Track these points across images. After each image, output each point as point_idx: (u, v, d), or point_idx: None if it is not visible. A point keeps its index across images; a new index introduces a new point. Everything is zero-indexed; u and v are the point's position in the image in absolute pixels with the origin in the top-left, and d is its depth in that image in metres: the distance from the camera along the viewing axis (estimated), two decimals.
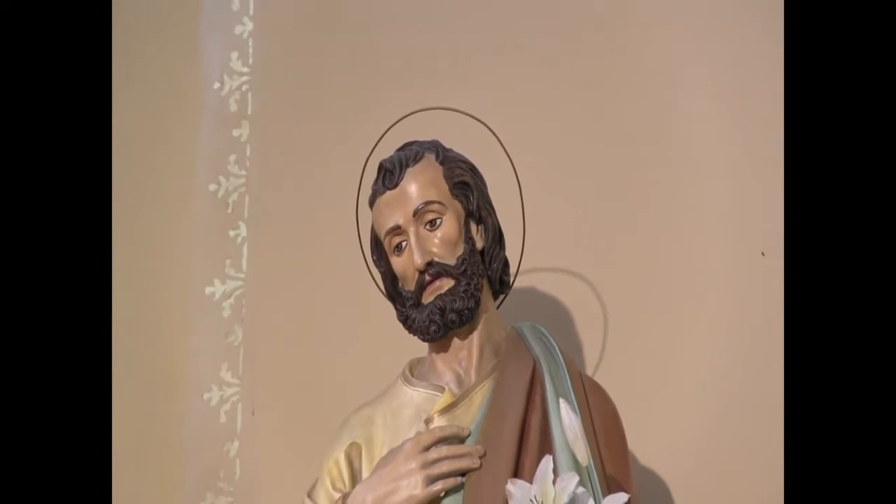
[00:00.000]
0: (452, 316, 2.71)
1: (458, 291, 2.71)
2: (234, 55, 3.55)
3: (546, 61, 3.36)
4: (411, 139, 2.82)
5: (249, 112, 3.52)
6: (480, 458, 2.60)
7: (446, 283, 2.72)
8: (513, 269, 2.88)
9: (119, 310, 3.33)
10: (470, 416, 2.68)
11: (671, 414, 3.12)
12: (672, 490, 3.10)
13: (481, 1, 3.44)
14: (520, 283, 2.94)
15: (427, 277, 2.72)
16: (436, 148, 2.81)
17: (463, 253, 2.74)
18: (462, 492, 2.60)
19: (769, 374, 3.08)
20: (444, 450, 2.61)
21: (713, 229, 3.22)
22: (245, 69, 3.55)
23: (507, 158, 2.87)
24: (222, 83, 3.55)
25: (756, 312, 3.17)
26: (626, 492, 2.52)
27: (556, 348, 2.76)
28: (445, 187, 2.76)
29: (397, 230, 2.75)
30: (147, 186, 3.49)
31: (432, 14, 3.45)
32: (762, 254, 3.14)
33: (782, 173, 3.06)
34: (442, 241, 2.73)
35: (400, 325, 2.78)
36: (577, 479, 2.46)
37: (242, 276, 3.46)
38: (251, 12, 3.57)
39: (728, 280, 3.20)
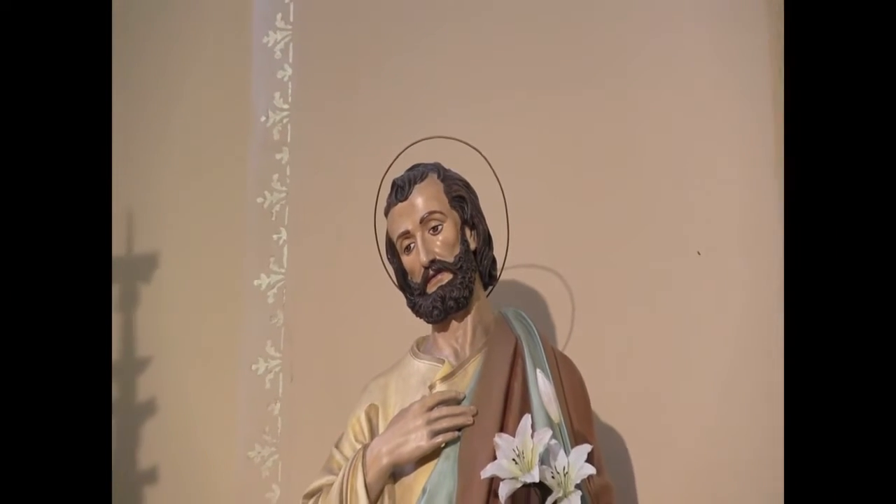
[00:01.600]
0: (451, 303, 2.74)
1: (456, 283, 2.74)
2: (277, 95, 3.53)
3: (530, 102, 3.34)
4: (418, 161, 2.84)
5: (289, 140, 3.49)
6: (473, 416, 2.63)
7: (446, 277, 2.74)
8: (499, 266, 2.88)
9: (188, 298, 3.43)
10: (465, 382, 2.70)
11: (625, 378, 3.09)
12: (626, 441, 3.08)
13: (472, 49, 3.42)
14: (505, 276, 2.94)
15: (430, 272, 2.74)
16: (438, 169, 2.82)
17: (459, 252, 2.76)
18: (458, 444, 2.62)
19: (700, 342, 3.10)
20: (444, 410, 2.64)
21: (653, 230, 3.20)
22: (286, 106, 3.52)
23: (495, 177, 2.88)
24: (267, 117, 3.53)
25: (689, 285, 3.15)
26: (589, 443, 2.56)
27: (534, 328, 2.78)
28: (445, 200, 2.78)
29: (407, 234, 2.77)
30: (210, 199, 3.47)
31: (434, 63, 3.44)
32: (698, 253, 3.12)
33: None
34: (443, 244, 2.75)
35: (409, 310, 2.80)
36: (550, 433, 2.50)
37: (283, 271, 3.44)
38: (290, 60, 3.53)
39: (670, 268, 3.17)
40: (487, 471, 2.51)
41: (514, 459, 2.50)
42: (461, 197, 2.82)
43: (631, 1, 3.30)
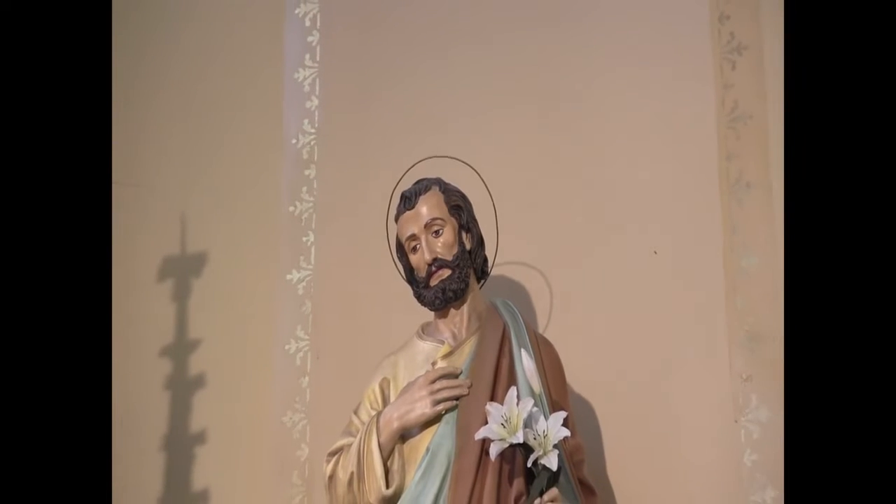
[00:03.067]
0: (450, 294, 2.74)
1: (454, 277, 2.75)
2: (306, 122, 3.52)
3: (516, 128, 3.32)
4: (423, 176, 2.84)
5: (315, 159, 3.48)
6: (469, 388, 2.64)
7: (446, 272, 2.75)
8: (490, 263, 2.89)
9: (231, 289, 3.42)
10: (462, 360, 2.71)
11: (594, 355, 3.06)
12: (595, 408, 3.07)
13: (467, 83, 3.40)
14: (495, 272, 2.94)
15: (433, 268, 2.75)
16: (439, 182, 2.83)
17: (457, 252, 2.77)
18: (456, 411, 2.63)
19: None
20: (444, 382, 2.65)
21: (616, 233, 3.17)
22: (313, 131, 3.50)
23: (486, 190, 2.89)
24: (298, 140, 3.51)
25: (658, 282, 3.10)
26: (565, 410, 2.59)
27: (519, 315, 2.79)
28: (445, 209, 2.79)
29: (414, 237, 2.78)
30: (250, 207, 3.45)
31: (436, 94, 3.42)
32: (654, 252, 3.10)
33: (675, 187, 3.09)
34: (443, 245, 2.76)
35: (415, 300, 2.80)
36: (532, 402, 2.52)
37: (311, 267, 3.42)
38: (317, 92, 3.51)
39: (630, 264, 3.13)
40: (480, 433, 2.52)
41: (502, 424, 2.51)
42: (458, 206, 2.82)
43: (596, 43, 3.26)
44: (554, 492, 2.53)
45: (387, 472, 2.65)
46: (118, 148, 3.48)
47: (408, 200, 2.81)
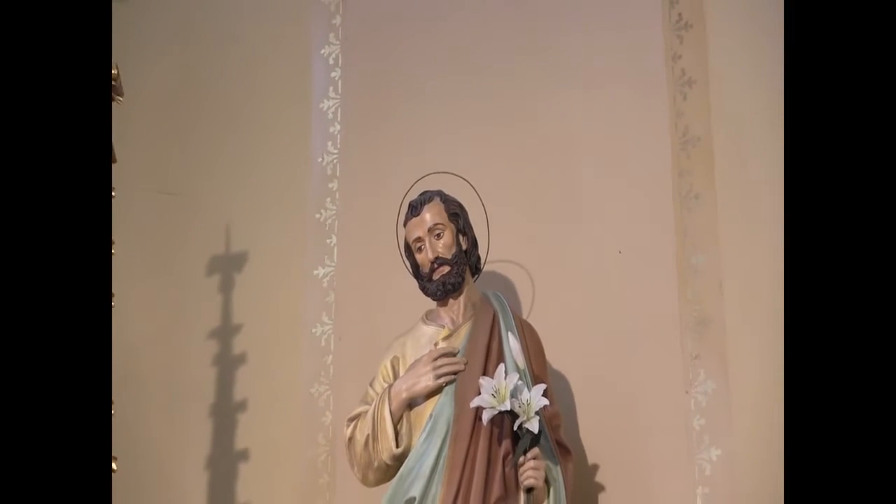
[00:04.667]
0: (449, 286, 2.75)
1: (452, 273, 2.75)
2: (329, 143, 3.46)
3: (508, 148, 3.28)
4: (427, 189, 2.84)
5: (338, 174, 3.42)
6: (465, 364, 2.65)
7: (446, 269, 2.75)
8: (483, 261, 2.88)
9: (268, 282, 3.40)
10: (459, 341, 2.71)
11: (569, 337, 3.02)
12: (570, 381, 3.03)
13: (464, 111, 3.36)
14: (486, 268, 2.93)
15: (435, 265, 2.75)
16: (440, 194, 2.83)
17: (455, 252, 2.76)
18: (455, 383, 2.63)
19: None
20: (444, 360, 2.66)
21: (587, 235, 3.14)
22: (335, 151, 3.45)
23: (479, 199, 2.88)
24: (323, 158, 3.46)
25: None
26: (545, 383, 2.60)
27: (506, 304, 2.78)
28: (445, 216, 2.78)
29: (419, 239, 2.78)
30: (283, 214, 3.40)
31: (440, 118, 3.39)
32: (619, 252, 3.07)
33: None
34: (443, 246, 2.76)
35: (420, 292, 2.80)
36: (517, 376, 2.55)
37: (333, 264, 3.37)
38: (339, 119, 3.45)
39: (599, 261, 3.11)
40: (474, 402, 2.54)
41: (492, 394, 2.52)
42: (456, 213, 2.82)
43: (574, 80, 3.25)
44: (536, 451, 2.55)
45: (397, 434, 2.65)
46: (176, 164, 3.51)
47: (414, 209, 2.81)
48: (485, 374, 2.60)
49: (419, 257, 2.81)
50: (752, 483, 2.76)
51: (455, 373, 2.65)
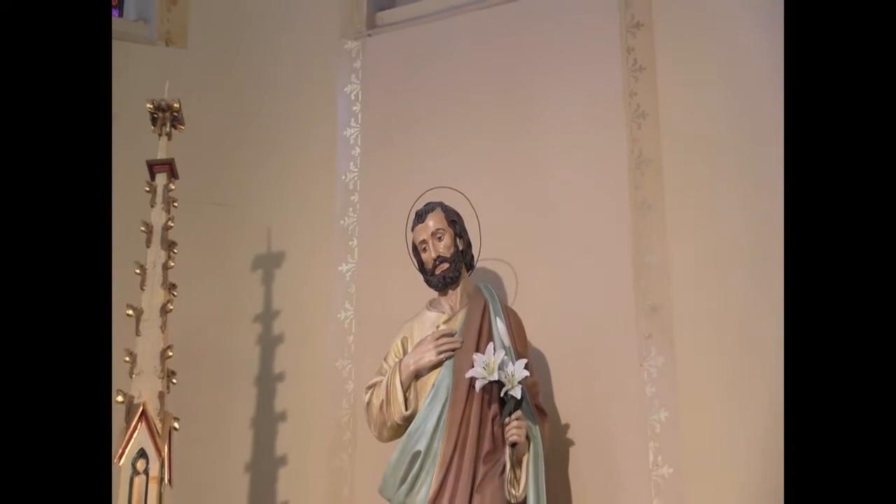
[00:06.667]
0: (448, 280, 2.74)
1: (451, 269, 2.74)
2: (351, 164, 3.44)
3: (495, 166, 3.25)
4: (430, 200, 2.83)
5: (358, 189, 3.40)
6: (461, 343, 2.63)
7: (445, 266, 2.74)
8: (476, 259, 2.86)
9: (301, 277, 3.37)
10: (456, 324, 2.69)
11: (546, 320, 2.97)
12: (546, 356, 2.99)
13: (462, 139, 3.33)
14: (479, 265, 2.92)
15: (437, 263, 2.74)
16: (441, 204, 2.82)
17: (453, 252, 2.75)
18: (453, 359, 2.62)
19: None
20: (445, 339, 2.65)
21: (559, 238, 3.10)
22: (356, 170, 3.42)
23: (472, 208, 2.86)
24: (346, 176, 3.43)
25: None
26: (526, 358, 2.59)
27: (495, 294, 2.77)
28: (445, 222, 2.78)
29: (424, 242, 2.77)
30: (314, 221, 3.39)
31: (443, 143, 3.35)
32: (586, 251, 3.04)
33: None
34: (444, 247, 2.75)
35: (424, 284, 2.79)
36: (504, 352, 2.55)
37: (354, 262, 3.33)
38: (359, 144, 3.44)
39: (567, 260, 3.06)
40: (469, 373, 2.54)
41: (484, 367, 2.52)
42: (454, 220, 2.81)
43: (550, 115, 3.23)
44: (519, 413, 2.54)
45: (406, 399, 2.64)
46: (226, 181, 3.49)
47: (420, 217, 2.81)
48: (477, 350, 2.60)
49: (424, 256, 2.80)
50: (693, 439, 2.78)
51: (453, 350, 2.64)
